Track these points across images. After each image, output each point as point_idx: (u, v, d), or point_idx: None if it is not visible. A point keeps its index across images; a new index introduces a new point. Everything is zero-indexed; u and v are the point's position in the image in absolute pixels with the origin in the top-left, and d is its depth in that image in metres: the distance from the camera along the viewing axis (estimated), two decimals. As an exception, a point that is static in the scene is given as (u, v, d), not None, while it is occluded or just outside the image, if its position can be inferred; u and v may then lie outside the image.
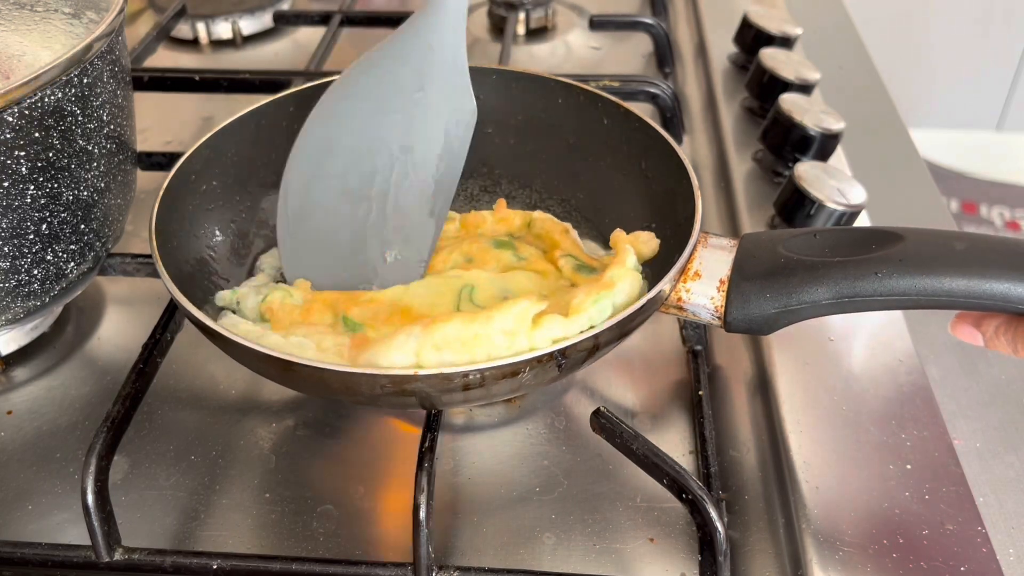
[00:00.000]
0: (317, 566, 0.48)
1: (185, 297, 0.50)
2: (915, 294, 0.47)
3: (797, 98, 0.77)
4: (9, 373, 0.63)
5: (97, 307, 0.69)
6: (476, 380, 0.46)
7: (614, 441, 0.51)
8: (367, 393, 0.47)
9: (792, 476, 0.52)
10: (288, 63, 1.03)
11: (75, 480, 0.55)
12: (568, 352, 0.47)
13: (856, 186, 0.67)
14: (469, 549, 0.52)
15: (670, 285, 0.51)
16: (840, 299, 0.49)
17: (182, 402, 0.61)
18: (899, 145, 0.89)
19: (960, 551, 0.48)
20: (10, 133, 0.50)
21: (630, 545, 0.52)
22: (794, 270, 0.50)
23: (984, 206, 1.67)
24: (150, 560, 0.49)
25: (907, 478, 0.51)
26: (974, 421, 0.60)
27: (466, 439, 0.58)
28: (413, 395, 0.47)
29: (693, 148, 0.86)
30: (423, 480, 0.47)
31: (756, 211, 0.72)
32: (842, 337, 0.61)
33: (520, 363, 0.46)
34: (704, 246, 0.54)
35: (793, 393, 0.57)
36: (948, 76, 1.99)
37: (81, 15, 0.59)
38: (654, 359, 0.64)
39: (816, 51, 0.96)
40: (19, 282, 0.56)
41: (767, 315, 0.51)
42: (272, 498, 0.55)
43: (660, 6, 1.06)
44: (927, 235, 0.49)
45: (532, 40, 1.06)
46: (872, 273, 0.48)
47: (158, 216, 0.55)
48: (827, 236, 0.52)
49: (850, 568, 0.47)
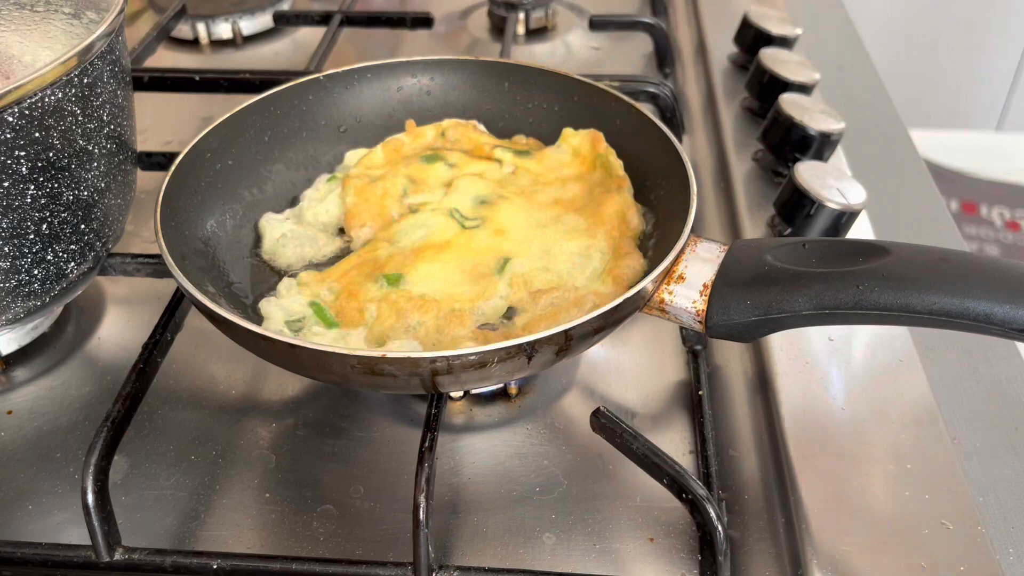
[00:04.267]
0: (317, 566, 0.48)
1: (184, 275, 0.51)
2: (896, 310, 0.47)
3: (797, 98, 0.77)
4: (9, 373, 0.63)
5: (97, 307, 0.69)
6: (443, 367, 0.46)
7: (614, 441, 0.51)
8: (339, 372, 0.48)
9: (792, 476, 0.52)
10: (288, 63, 1.03)
11: (75, 480, 0.56)
12: (538, 345, 0.47)
13: (856, 186, 0.67)
14: (469, 549, 0.52)
15: (652, 286, 0.51)
16: (820, 310, 0.49)
17: (182, 402, 0.61)
18: (899, 145, 0.89)
19: (960, 551, 0.48)
20: (10, 133, 0.50)
21: (630, 545, 0.52)
22: (776, 279, 0.50)
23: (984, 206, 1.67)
24: (150, 560, 0.49)
25: (907, 478, 0.51)
26: (974, 421, 0.60)
27: (466, 439, 0.58)
28: (383, 376, 0.47)
29: (693, 148, 0.86)
30: (423, 480, 0.47)
31: (756, 211, 0.72)
32: (842, 337, 0.61)
33: (488, 353, 0.46)
34: (693, 250, 0.54)
35: (793, 393, 0.57)
36: (948, 76, 1.99)
37: (81, 15, 0.59)
38: (654, 359, 0.64)
39: (816, 51, 0.96)
40: (19, 282, 0.56)
41: (748, 322, 0.51)
42: (272, 498, 0.55)
43: (660, 6, 1.06)
44: (913, 251, 0.49)
45: (532, 40, 1.06)
46: (854, 286, 0.48)
47: (165, 194, 0.58)
48: (815, 247, 0.52)
49: (850, 568, 0.47)
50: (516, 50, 1.04)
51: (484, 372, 0.47)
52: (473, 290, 0.57)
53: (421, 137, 0.71)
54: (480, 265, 0.59)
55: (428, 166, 0.68)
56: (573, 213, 0.63)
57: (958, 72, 1.98)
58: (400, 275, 0.58)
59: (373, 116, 0.73)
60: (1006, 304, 0.45)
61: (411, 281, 0.58)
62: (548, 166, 0.68)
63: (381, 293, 0.57)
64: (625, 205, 0.62)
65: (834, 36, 1.07)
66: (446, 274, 0.58)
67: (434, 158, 0.68)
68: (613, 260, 0.59)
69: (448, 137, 0.71)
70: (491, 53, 1.03)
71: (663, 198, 0.62)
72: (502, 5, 1.06)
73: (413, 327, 0.55)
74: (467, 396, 0.61)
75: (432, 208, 0.64)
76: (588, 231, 0.61)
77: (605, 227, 0.61)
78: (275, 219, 0.66)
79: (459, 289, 0.57)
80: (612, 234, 0.60)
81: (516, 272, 0.58)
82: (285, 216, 0.66)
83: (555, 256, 0.59)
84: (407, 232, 0.62)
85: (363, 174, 0.68)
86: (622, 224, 0.61)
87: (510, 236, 0.61)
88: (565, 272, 0.58)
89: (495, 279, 0.57)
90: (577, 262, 0.59)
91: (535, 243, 0.60)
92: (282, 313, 0.57)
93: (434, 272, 0.58)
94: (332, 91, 0.71)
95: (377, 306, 0.56)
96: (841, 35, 1.08)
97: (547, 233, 0.61)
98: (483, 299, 0.56)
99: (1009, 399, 0.61)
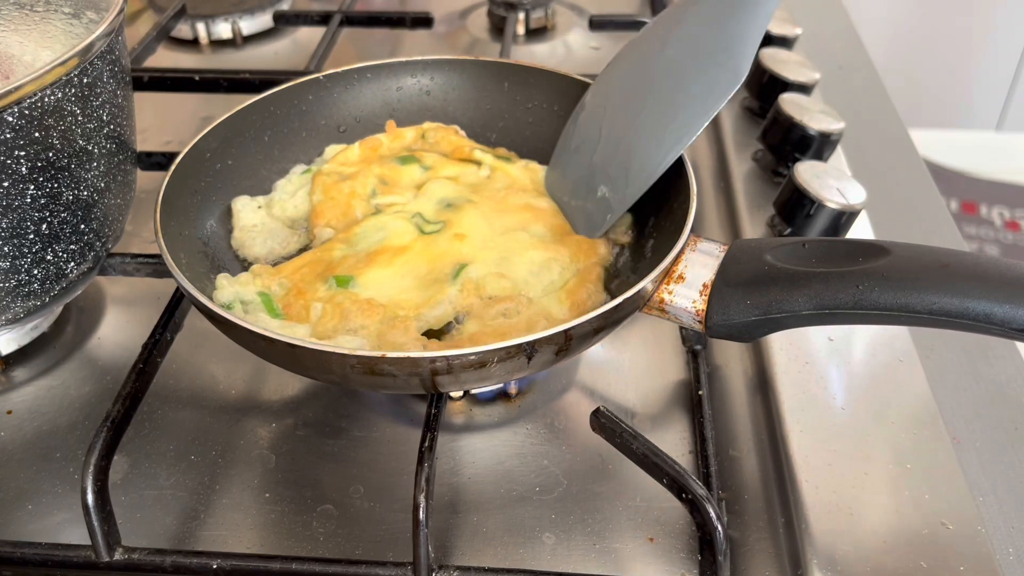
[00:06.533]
0: (317, 566, 0.48)
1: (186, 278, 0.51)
2: (896, 309, 0.47)
3: (797, 98, 0.77)
4: (9, 373, 0.63)
5: (97, 307, 0.69)
6: (443, 367, 0.46)
7: (614, 441, 0.51)
8: (338, 372, 0.48)
9: (792, 476, 0.52)
10: (288, 63, 1.03)
11: (75, 480, 0.56)
12: (537, 345, 0.47)
13: (856, 186, 0.67)
14: (469, 549, 0.52)
15: (652, 285, 0.51)
16: (820, 310, 0.48)
17: (182, 402, 0.61)
18: (899, 145, 0.89)
19: (960, 551, 0.48)
20: (10, 133, 0.50)
21: (630, 545, 0.52)
22: (776, 279, 0.50)
23: (984, 206, 1.67)
24: (150, 560, 0.49)
25: (907, 478, 0.51)
26: (974, 421, 0.60)
27: (466, 439, 0.58)
28: (383, 375, 0.47)
29: (693, 148, 0.86)
30: (423, 480, 0.47)
31: (756, 211, 0.72)
32: (842, 337, 0.61)
33: (488, 352, 0.46)
34: (692, 250, 0.54)
35: (793, 393, 0.57)
36: (948, 76, 1.99)
37: (81, 15, 0.59)
38: (654, 359, 0.64)
39: (816, 51, 0.96)
40: (19, 282, 0.56)
41: (747, 322, 0.51)
42: (272, 498, 0.55)
43: (660, 6, 1.06)
44: (914, 251, 0.49)
45: (532, 40, 1.06)
46: (854, 286, 0.48)
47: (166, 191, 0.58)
48: (815, 246, 0.52)
49: (850, 568, 0.47)
50: (516, 50, 1.04)
51: (484, 372, 0.47)
52: (422, 296, 0.56)
53: (400, 138, 0.71)
54: (435, 271, 0.58)
55: (402, 167, 0.67)
56: (541, 223, 0.62)
57: (958, 72, 1.98)
58: (351, 277, 0.58)
59: (373, 116, 0.73)
60: (1006, 304, 0.45)
61: (361, 284, 0.57)
62: (528, 172, 0.67)
63: (328, 294, 0.57)
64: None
65: (834, 36, 1.07)
66: (398, 279, 0.58)
67: (409, 159, 0.68)
68: (576, 280, 0.58)
69: (428, 139, 0.71)
70: (491, 53, 1.03)
71: (663, 198, 0.62)
72: (502, 5, 1.07)
73: (355, 330, 0.54)
74: (467, 396, 0.61)
75: (396, 210, 0.64)
76: (553, 244, 0.60)
77: (572, 246, 0.60)
78: (249, 204, 0.65)
79: (407, 295, 0.57)
80: (577, 255, 0.60)
81: (469, 277, 0.57)
82: (258, 204, 0.66)
83: (513, 263, 0.58)
84: (366, 235, 0.61)
85: (334, 171, 0.68)
86: (590, 249, 0.60)
87: (470, 241, 0.60)
88: (521, 280, 0.58)
89: (447, 285, 0.57)
90: (535, 271, 0.58)
91: (495, 249, 0.59)
92: (233, 291, 0.58)
93: (386, 277, 0.58)
94: (332, 91, 0.71)
95: (323, 306, 0.56)
96: (841, 35, 1.08)
97: (509, 239, 0.60)
98: (428, 306, 0.56)
99: (1009, 399, 0.61)
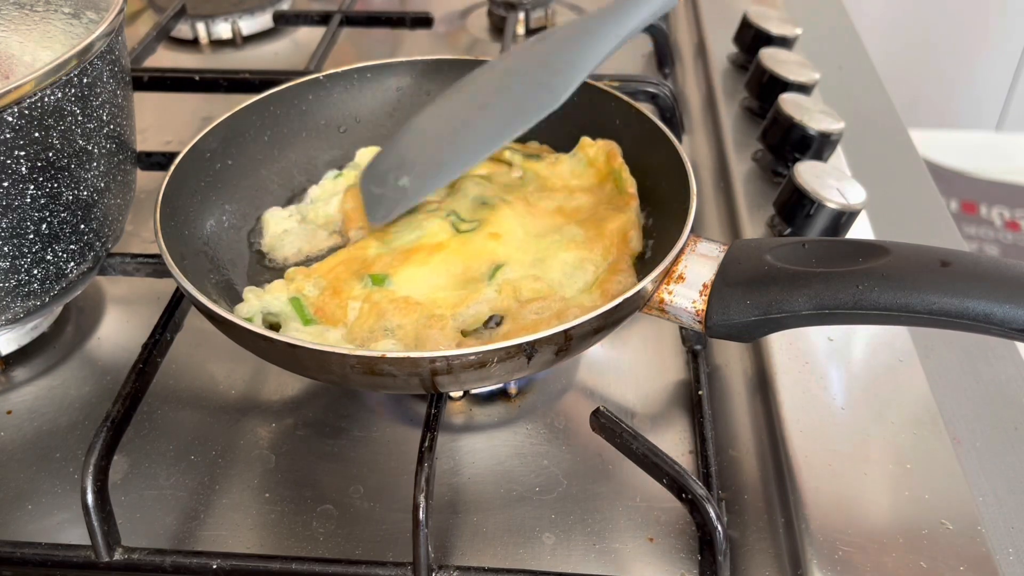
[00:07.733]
0: (317, 566, 0.48)
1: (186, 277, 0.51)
2: (896, 309, 0.47)
3: (797, 98, 0.77)
4: (9, 373, 0.63)
5: (97, 307, 0.69)
6: (443, 367, 0.46)
7: (614, 441, 0.51)
8: (338, 372, 0.48)
9: (792, 476, 0.52)
10: (288, 63, 1.03)
11: (75, 480, 0.56)
12: (537, 345, 0.47)
13: (856, 186, 0.67)
14: (469, 549, 0.52)
15: (652, 286, 0.51)
16: (820, 310, 0.48)
17: (182, 402, 0.61)
18: (899, 145, 0.89)
19: (959, 551, 0.48)
20: (10, 133, 0.50)
21: (630, 545, 0.52)
22: (775, 279, 0.50)
23: (984, 206, 1.67)
24: (150, 560, 0.49)
25: (907, 478, 0.51)
26: (974, 421, 0.60)
27: (466, 439, 0.58)
28: (383, 375, 0.47)
29: (693, 148, 0.86)
30: (423, 480, 0.47)
31: (755, 211, 0.72)
32: (842, 337, 0.61)
33: (488, 352, 0.46)
34: (692, 250, 0.54)
35: (793, 393, 0.57)
36: (948, 76, 1.99)
37: (81, 15, 0.59)
38: (654, 359, 0.64)
39: (816, 51, 0.95)
40: (19, 282, 0.56)
41: (747, 322, 0.51)
42: (272, 498, 0.55)
43: (660, 6, 1.06)
44: (913, 251, 0.49)
45: (532, 40, 1.06)
46: (854, 286, 0.48)
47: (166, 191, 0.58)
48: (815, 246, 0.52)
49: (849, 568, 0.47)
50: (516, 50, 1.03)
51: (484, 372, 0.47)
52: (458, 295, 0.56)
53: None
54: (470, 269, 0.58)
55: None
56: (575, 224, 0.62)
57: (958, 72, 1.98)
58: (386, 275, 0.58)
59: (373, 116, 0.73)
60: (1006, 304, 0.45)
61: (397, 282, 0.57)
62: (558, 173, 0.67)
63: (364, 292, 0.57)
64: (629, 224, 0.62)
65: (834, 36, 1.07)
66: (434, 277, 0.58)
67: None
68: (606, 274, 0.58)
69: None
70: (491, 53, 1.03)
71: (663, 198, 0.62)
72: (502, 5, 1.07)
73: (392, 329, 0.54)
74: (467, 396, 0.61)
75: (430, 209, 0.64)
76: (587, 244, 0.60)
77: (604, 243, 0.60)
78: (279, 214, 0.66)
79: (444, 293, 0.57)
80: (610, 250, 0.60)
81: (506, 279, 0.57)
82: (289, 213, 0.66)
83: (548, 265, 0.58)
84: (401, 233, 0.62)
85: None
86: (622, 243, 0.60)
87: (505, 241, 0.60)
88: (556, 282, 0.58)
89: (483, 284, 0.57)
90: (569, 273, 0.58)
91: (530, 251, 0.60)
92: (260, 304, 0.57)
93: (421, 275, 0.58)
94: (332, 91, 0.71)
95: (360, 305, 0.56)
96: (841, 35, 1.08)
97: (544, 242, 0.60)
98: (465, 305, 0.55)
99: (1009, 399, 0.61)
